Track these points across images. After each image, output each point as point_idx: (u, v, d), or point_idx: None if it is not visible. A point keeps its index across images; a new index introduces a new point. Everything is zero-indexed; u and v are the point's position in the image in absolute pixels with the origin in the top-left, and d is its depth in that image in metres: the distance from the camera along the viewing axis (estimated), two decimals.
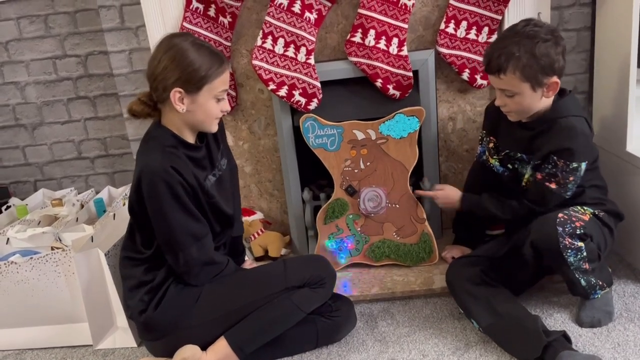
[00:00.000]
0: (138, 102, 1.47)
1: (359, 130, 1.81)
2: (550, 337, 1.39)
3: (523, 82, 1.47)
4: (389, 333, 1.64)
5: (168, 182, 1.38)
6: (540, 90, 1.49)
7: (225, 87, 1.46)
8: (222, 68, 1.43)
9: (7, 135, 2.57)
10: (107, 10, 2.09)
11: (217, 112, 1.47)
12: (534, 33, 1.46)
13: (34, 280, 1.68)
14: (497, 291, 1.56)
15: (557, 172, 1.52)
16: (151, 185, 1.39)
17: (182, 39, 1.42)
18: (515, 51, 1.45)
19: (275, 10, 1.83)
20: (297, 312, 1.49)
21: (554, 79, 1.48)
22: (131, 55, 2.15)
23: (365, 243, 1.91)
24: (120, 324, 1.73)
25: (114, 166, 2.60)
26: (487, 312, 1.52)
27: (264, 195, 2.19)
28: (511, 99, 1.52)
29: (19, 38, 2.40)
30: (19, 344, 1.77)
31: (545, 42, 1.45)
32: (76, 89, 2.47)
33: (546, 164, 1.54)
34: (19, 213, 2.20)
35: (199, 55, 1.40)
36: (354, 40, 1.86)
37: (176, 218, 1.41)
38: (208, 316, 1.48)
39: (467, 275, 1.60)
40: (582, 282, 1.50)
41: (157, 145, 1.44)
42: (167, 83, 1.40)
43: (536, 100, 1.51)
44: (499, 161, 1.72)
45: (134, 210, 1.47)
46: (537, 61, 1.45)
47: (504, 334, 1.48)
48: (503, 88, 1.52)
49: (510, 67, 1.46)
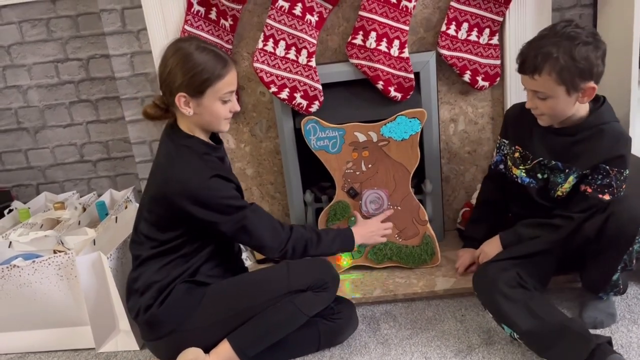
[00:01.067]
0: (152, 106, 1.50)
1: (360, 133, 1.81)
2: (599, 340, 1.33)
3: (559, 85, 1.40)
4: (391, 335, 1.64)
5: (216, 192, 1.42)
6: (576, 95, 1.42)
7: (231, 88, 1.46)
8: (225, 70, 1.43)
9: (10, 139, 2.58)
10: (108, 13, 2.09)
11: (225, 113, 1.47)
12: (575, 34, 1.38)
13: (37, 283, 1.68)
14: (533, 294, 1.48)
15: (612, 182, 1.46)
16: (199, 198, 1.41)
17: (187, 43, 1.43)
18: (554, 52, 1.38)
19: (276, 13, 1.83)
20: (300, 316, 1.49)
21: (591, 84, 1.41)
22: (132, 58, 2.15)
23: (367, 245, 1.91)
24: (122, 327, 1.73)
25: (116, 169, 2.60)
26: (526, 315, 1.42)
27: (265, 197, 2.19)
28: (543, 102, 1.45)
29: (21, 42, 2.41)
30: (21, 347, 1.78)
31: (586, 45, 1.37)
32: (78, 92, 2.47)
33: (596, 174, 1.49)
34: (22, 216, 2.21)
35: (201, 58, 1.40)
36: (355, 43, 1.86)
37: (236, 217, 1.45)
38: (211, 318, 1.48)
39: (502, 279, 1.48)
40: (615, 277, 1.47)
41: (192, 155, 1.45)
42: (172, 87, 1.42)
43: (570, 105, 1.45)
44: (525, 172, 1.63)
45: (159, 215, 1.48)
46: (575, 64, 1.37)
47: (546, 338, 1.39)
48: (536, 90, 1.45)
49: (547, 68, 1.39)
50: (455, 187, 2.11)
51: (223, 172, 1.47)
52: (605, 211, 1.43)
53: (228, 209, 1.45)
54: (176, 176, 1.43)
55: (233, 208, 1.45)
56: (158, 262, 1.50)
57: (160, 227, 1.49)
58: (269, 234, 1.51)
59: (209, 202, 1.42)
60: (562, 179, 1.57)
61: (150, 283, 1.49)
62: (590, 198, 1.50)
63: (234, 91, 1.47)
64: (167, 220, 1.47)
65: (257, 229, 1.49)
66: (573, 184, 1.55)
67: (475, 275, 1.58)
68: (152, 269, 1.50)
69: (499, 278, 1.49)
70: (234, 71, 1.46)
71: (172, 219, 1.47)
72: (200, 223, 1.45)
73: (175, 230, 1.48)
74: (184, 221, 1.46)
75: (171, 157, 1.47)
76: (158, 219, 1.49)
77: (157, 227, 1.50)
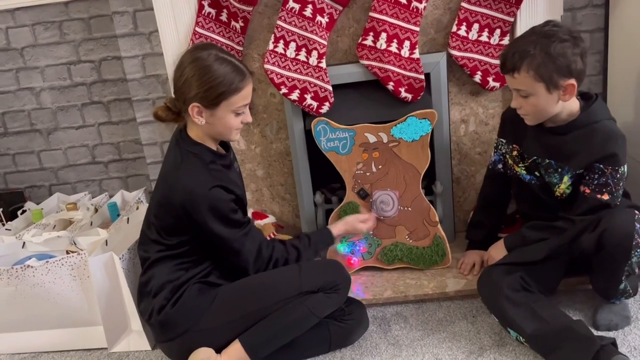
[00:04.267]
0: (164, 108, 1.50)
1: (370, 134, 1.81)
2: (603, 341, 1.34)
3: (537, 81, 1.43)
4: (402, 337, 1.63)
5: (218, 204, 1.43)
6: (556, 92, 1.45)
7: (246, 102, 1.47)
8: (242, 84, 1.43)
9: (23, 141, 2.60)
10: (120, 16, 2.11)
11: (237, 124, 1.48)
12: (551, 32, 1.42)
13: (50, 283, 1.70)
14: (537, 297, 1.49)
15: (609, 181, 1.47)
16: (201, 209, 1.42)
17: (206, 53, 1.42)
18: (531, 49, 1.41)
19: (286, 15, 1.84)
20: (311, 317, 1.49)
21: (571, 82, 1.43)
22: (144, 60, 2.17)
23: (378, 246, 1.91)
24: (134, 328, 1.74)
25: (128, 170, 2.62)
26: (531, 318, 1.44)
27: (276, 198, 2.19)
28: (526, 100, 1.48)
29: (34, 44, 2.43)
30: (34, 347, 1.79)
31: (563, 42, 1.40)
32: (90, 94, 2.49)
33: (591, 174, 1.49)
34: (35, 217, 2.23)
35: (219, 71, 1.40)
36: (366, 44, 1.86)
37: (229, 234, 1.47)
38: (223, 319, 1.48)
39: (506, 283, 1.50)
40: (622, 285, 1.47)
41: (198, 164, 1.46)
42: (186, 97, 1.42)
43: (552, 102, 1.47)
44: (525, 169, 1.65)
45: (167, 219, 1.49)
46: (552, 60, 1.40)
47: (551, 340, 1.40)
48: (517, 88, 1.48)
49: (524, 65, 1.42)
50: (465, 188, 2.10)
51: (226, 182, 1.47)
52: (598, 227, 1.44)
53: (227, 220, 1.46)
54: (180, 183, 1.44)
55: (231, 221, 1.47)
56: (169, 264, 1.51)
57: (168, 232, 1.51)
58: (253, 257, 1.52)
59: (207, 212, 1.43)
60: (557, 179, 1.58)
61: (163, 283, 1.50)
62: (589, 199, 1.51)
63: (248, 104, 1.48)
64: (173, 226, 1.49)
65: (244, 251, 1.50)
66: (570, 184, 1.56)
67: (480, 279, 1.60)
68: (164, 270, 1.51)
69: (502, 282, 1.50)
70: (250, 84, 1.46)
71: (176, 226, 1.48)
72: (202, 233, 1.46)
73: (182, 236, 1.49)
74: (189, 228, 1.47)
75: (177, 164, 1.48)
76: (164, 225, 1.50)
77: (165, 232, 1.51)
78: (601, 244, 1.43)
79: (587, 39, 2.06)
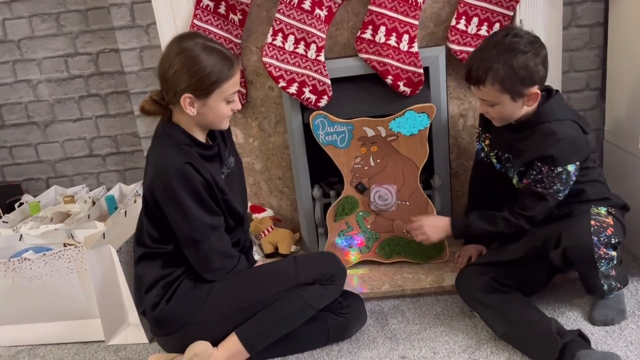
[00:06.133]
0: (150, 101, 1.48)
1: (369, 127, 1.81)
2: (566, 337, 1.38)
3: (502, 93, 1.48)
4: (399, 330, 1.64)
5: (185, 178, 1.39)
6: (521, 100, 1.50)
7: (236, 89, 1.46)
8: (232, 71, 1.43)
9: (20, 133, 2.59)
10: (118, 8, 2.10)
11: (228, 112, 1.48)
12: (512, 45, 1.45)
13: (47, 276, 1.70)
14: (509, 297, 1.54)
15: (543, 178, 1.51)
16: (168, 182, 1.39)
17: (192, 42, 1.41)
18: (494, 64, 1.45)
19: (285, 8, 1.83)
20: (308, 309, 1.50)
21: (534, 90, 1.48)
22: (142, 53, 2.16)
23: (376, 240, 1.91)
24: (132, 320, 1.74)
25: (125, 163, 2.61)
26: (501, 321, 1.51)
27: (274, 192, 2.19)
28: (492, 107, 1.54)
29: (31, 36, 2.42)
30: (32, 339, 1.79)
31: (525, 54, 1.44)
32: (87, 86, 2.48)
33: (531, 170, 1.54)
34: (32, 210, 2.22)
35: (209, 60, 1.39)
36: (365, 37, 1.85)
37: (194, 213, 1.42)
38: (219, 312, 1.48)
39: (478, 285, 1.57)
40: (605, 286, 1.50)
41: (171, 143, 1.44)
42: (177, 88, 1.41)
43: (517, 109, 1.52)
44: (496, 158, 1.72)
45: (150, 208, 1.47)
46: (515, 74, 1.44)
47: (520, 341, 1.47)
48: (483, 98, 1.53)
49: (489, 79, 1.47)
50: (464, 182, 2.10)
51: (198, 165, 1.42)
52: (559, 244, 1.47)
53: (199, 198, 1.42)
54: (151, 161, 1.44)
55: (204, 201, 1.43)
56: (161, 258, 1.51)
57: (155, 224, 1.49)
58: (217, 257, 1.48)
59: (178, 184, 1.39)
60: (512, 172, 1.64)
61: (155, 280, 1.50)
62: (527, 189, 1.56)
63: (237, 91, 1.47)
64: (159, 217, 1.46)
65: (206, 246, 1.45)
66: (518, 180, 1.61)
67: (456, 280, 1.66)
68: (156, 265, 1.50)
69: (475, 285, 1.58)
70: (239, 71, 1.46)
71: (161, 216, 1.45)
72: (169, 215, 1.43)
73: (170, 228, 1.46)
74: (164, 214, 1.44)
75: (153, 146, 1.48)
76: (152, 216, 1.49)
77: (153, 225, 1.50)
78: (566, 260, 1.47)
79: (587, 34, 2.06)
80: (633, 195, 1.74)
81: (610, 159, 1.95)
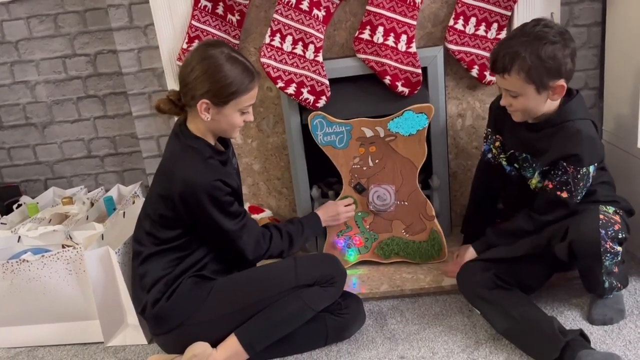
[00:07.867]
0: (166, 101, 1.51)
1: (367, 128, 1.81)
2: (568, 336, 1.38)
3: (528, 83, 1.45)
4: (398, 330, 1.64)
5: (216, 196, 1.46)
6: (546, 93, 1.46)
7: (252, 101, 1.50)
8: (252, 84, 1.46)
9: (18, 134, 2.59)
10: (116, 9, 2.10)
11: (240, 122, 1.51)
12: (542, 34, 1.42)
13: (46, 278, 1.69)
14: (511, 294, 1.53)
15: (569, 180, 1.49)
16: (199, 200, 1.44)
17: (218, 51, 1.44)
18: (522, 52, 1.42)
19: (283, 8, 1.83)
20: (308, 311, 1.50)
21: (560, 82, 1.45)
22: (140, 54, 2.16)
23: (374, 240, 1.91)
24: (130, 321, 1.74)
25: (123, 164, 2.61)
26: (502, 317, 1.50)
27: (272, 193, 2.19)
28: (515, 99, 1.50)
29: (29, 37, 2.42)
30: (30, 341, 1.79)
31: (553, 45, 1.41)
32: (85, 87, 2.48)
33: (556, 170, 1.52)
34: (30, 211, 2.22)
35: (232, 70, 1.42)
36: (363, 37, 1.85)
37: (227, 226, 1.49)
38: (219, 312, 1.49)
39: (479, 281, 1.56)
40: (606, 283, 1.49)
41: (197, 157, 1.48)
42: (196, 93, 1.44)
43: (541, 102, 1.49)
44: (506, 160, 1.70)
45: (164, 213, 1.50)
46: (543, 63, 1.41)
47: (521, 338, 1.47)
48: (507, 88, 1.50)
49: (515, 67, 1.43)
50: (462, 182, 2.10)
51: (224, 176, 1.48)
52: (566, 237, 1.46)
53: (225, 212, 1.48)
54: (179, 176, 1.45)
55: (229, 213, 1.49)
56: (164, 258, 1.52)
57: (164, 225, 1.51)
58: (251, 247, 1.55)
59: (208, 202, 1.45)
60: (530, 173, 1.62)
61: (157, 278, 1.50)
62: (549, 193, 1.54)
63: (253, 104, 1.51)
64: (169, 219, 1.49)
65: (241, 243, 1.53)
66: (541, 179, 1.59)
67: (458, 277, 1.65)
68: (158, 265, 1.52)
69: (477, 281, 1.57)
70: (257, 85, 1.50)
71: (173, 219, 1.49)
72: (200, 225, 1.48)
73: (177, 229, 1.50)
74: (186, 220, 1.48)
75: (175, 156, 1.50)
76: (161, 218, 1.51)
77: (161, 225, 1.51)
78: (572, 253, 1.46)
79: (585, 33, 2.06)
80: (631, 194, 1.74)
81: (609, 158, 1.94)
